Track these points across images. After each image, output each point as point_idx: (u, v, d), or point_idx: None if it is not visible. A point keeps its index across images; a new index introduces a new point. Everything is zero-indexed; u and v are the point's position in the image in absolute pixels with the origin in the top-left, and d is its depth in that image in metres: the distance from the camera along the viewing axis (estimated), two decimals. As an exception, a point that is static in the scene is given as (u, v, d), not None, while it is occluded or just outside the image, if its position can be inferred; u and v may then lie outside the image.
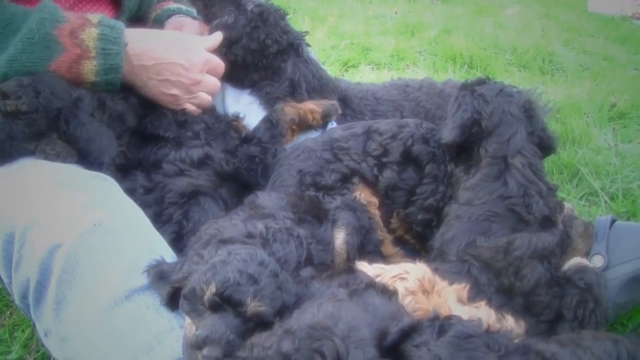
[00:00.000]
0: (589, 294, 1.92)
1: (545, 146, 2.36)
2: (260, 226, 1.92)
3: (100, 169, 2.08)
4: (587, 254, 2.20)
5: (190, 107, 2.52)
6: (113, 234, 1.81)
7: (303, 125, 2.71)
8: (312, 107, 2.70)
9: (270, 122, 2.59)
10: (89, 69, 2.16)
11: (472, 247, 2.03)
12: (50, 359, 1.91)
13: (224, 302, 1.52)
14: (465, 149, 2.33)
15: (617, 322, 2.25)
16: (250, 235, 1.88)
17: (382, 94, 3.14)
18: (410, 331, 1.42)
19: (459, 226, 2.12)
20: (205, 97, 2.55)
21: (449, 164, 2.40)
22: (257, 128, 2.61)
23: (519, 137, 2.23)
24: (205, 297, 1.54)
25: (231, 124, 2.63)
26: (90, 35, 2.13)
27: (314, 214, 2.16)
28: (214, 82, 2.57)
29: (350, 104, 3.06)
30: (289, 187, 2.42)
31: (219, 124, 2.57)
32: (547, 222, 2.11)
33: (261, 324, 1.52)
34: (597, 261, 2.19)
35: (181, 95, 2.44)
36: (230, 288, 1.52)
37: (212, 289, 1.53)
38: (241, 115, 2.68)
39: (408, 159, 2.47)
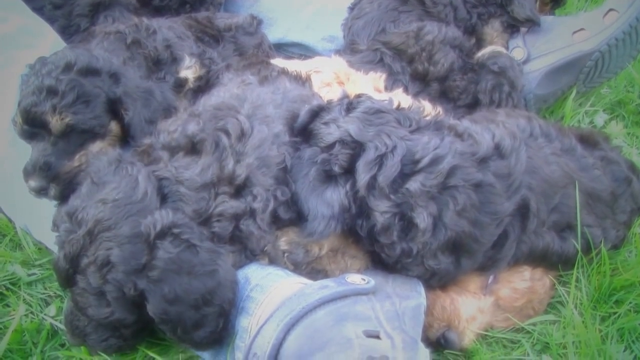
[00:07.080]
0: (503, 78, 1.93)
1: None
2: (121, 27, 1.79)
3: None
4: (505, 47, 2.19)
5: None
6: (17, 48, 1.76)
7: None
8: None
9: None
10: None
11: (382, 35, 2.01)
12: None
13: (33, 128, 1.43)
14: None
15: (539, 115, 2.28)
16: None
17: None
18: (319, 111, 1.42)
19: (368, 16, 2.08)
20: None
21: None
22: None
23: None
24: (18, 131, 1.46)
25: None
26: None
27: (210, 34, 2.07)
28: None
29: None
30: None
31: None
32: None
33: (87, 133, 1.45)
34: (518, 54, 2.18)
35: None
36: (29, 111, 1.41)
37: (19, 119, 1.44)
38: None
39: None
